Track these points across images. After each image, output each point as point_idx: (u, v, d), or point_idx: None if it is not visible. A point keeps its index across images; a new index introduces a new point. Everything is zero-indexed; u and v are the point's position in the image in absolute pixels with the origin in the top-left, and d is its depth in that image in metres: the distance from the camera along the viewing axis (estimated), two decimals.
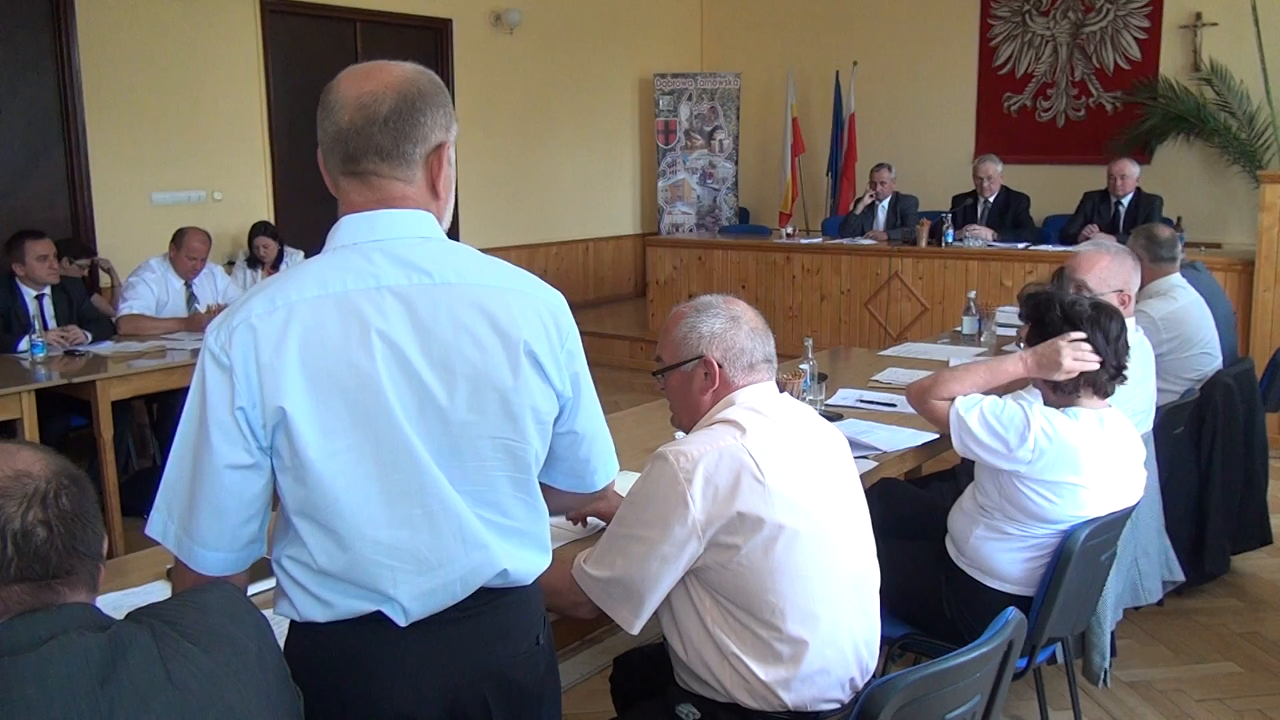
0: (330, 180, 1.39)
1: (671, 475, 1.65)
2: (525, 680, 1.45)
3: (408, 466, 1.30)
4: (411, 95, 1.32)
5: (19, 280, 4.53)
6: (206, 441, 1.26)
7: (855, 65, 8.98)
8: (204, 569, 1.30)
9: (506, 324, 1.35)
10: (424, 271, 1.32)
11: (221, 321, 1.28)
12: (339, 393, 1.27)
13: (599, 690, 2.78)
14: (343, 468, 1.28)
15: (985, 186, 6.81)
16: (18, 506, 1.06)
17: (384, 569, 1.31)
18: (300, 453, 1.26)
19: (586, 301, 9.35)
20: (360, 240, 1.33)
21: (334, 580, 1.32)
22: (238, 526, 1.29)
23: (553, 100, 8.96)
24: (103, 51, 6.03)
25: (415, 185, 1.35)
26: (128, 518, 4.19)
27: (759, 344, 1.81)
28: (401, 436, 1.29)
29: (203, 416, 1.26)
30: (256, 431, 1.27)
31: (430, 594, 1.34)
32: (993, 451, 2.26)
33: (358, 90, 1.31)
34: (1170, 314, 3.54)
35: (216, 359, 1.26)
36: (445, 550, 1.33)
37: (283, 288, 1.29)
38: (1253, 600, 3.64)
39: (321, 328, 1.27)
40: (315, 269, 1.31)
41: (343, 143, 1.32)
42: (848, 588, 1.74)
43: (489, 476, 1.36)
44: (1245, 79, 7.37)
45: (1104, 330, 2.32)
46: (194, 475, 1.27)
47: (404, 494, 1.30)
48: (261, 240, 5.93)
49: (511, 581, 1.41)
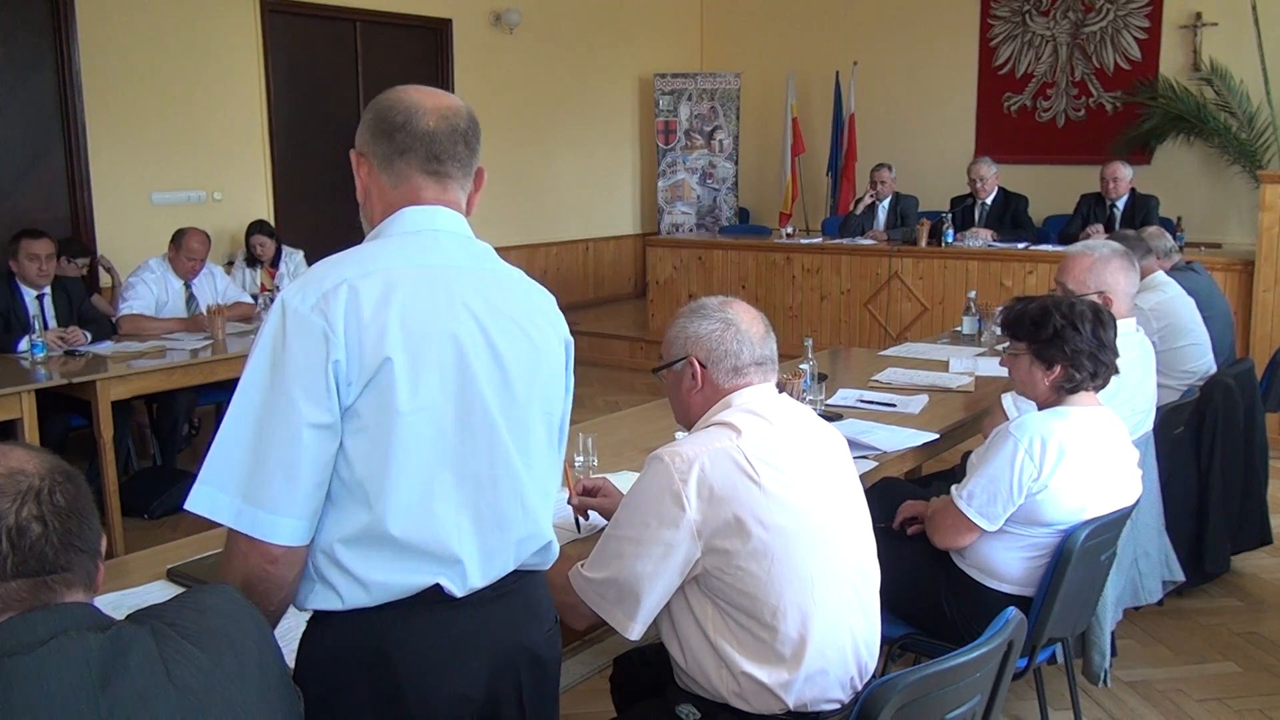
0: (381, 178, 1.45)
1: (667, 476, 1.66)
2: (549, 658, 1.53)
3: (483, 429, 1.39)
4: (475, 120, 1.49)
5: (19, 280, 4.53)
6: (285, 401, 1.26)
7: (855, 65, 8.98)
8: (273, 537, 1.28)
9: (551, 317, 1.52)
10: (484, 258, 1.46)
11: (304, 286, 1.31)
12: (433, 354, 1.34)
13: (599, 690, 2.78)
14: (429, 420, 1.33)
15: (980, 188, 6.82)
16: (12, 503, 1.06)
17: (452, 527, 1.36)
18: (393, 405, 1.30)
19: (586, 301, 9.35)
20: (423, 228, 1.42)
21: (394, 553, 1.33)
22: (310, 491, 1.29)
23: (553, 100, 8.96)
24: (103, 51, 6.03)
25: (465, 196, 1.50)
26: (128, 518, 4.19)
27: (750, 348, 1.81)
28: (482, 401, 1.38)
29: (278, 378, 1.27)
30: (342, 389, 1.29)
31: (491, 556, 1.41)
32: (1014, 502, 2.28)
33: (435, 103, 1.44)
34: (1159, 304, 3.62)
35: (304, 319, 1.28)
36: (505, 513, 1.42)
37: (370, 256, 1.37)
38: (1253, 600, 3.64)
39: (417, 294, 1.35)
40: (391, 247, 1.40)
41: (429, 143, 1.43)
42: (847, 588, 1.74)
43: (539, 450, 1.48)
44: (1245, 79, 7.37)
45: (1079, 330, 2.34)
46: (262, 439, 1.27)
47: (475, 454, 1.38)
48: (258, 239, 5.93)
49: (545, 560, 1.51)
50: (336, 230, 5.97)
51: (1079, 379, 2.34)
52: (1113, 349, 2.37)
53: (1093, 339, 2.33)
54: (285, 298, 1.30)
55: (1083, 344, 2.32)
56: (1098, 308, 2.41)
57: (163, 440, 4.94)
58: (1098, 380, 2.36)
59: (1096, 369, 2.34)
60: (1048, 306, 2.38)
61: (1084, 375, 2.34)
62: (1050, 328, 2.35)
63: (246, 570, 1.30)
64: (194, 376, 4.36)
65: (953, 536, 2.38)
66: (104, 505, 3.99)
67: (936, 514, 2.43)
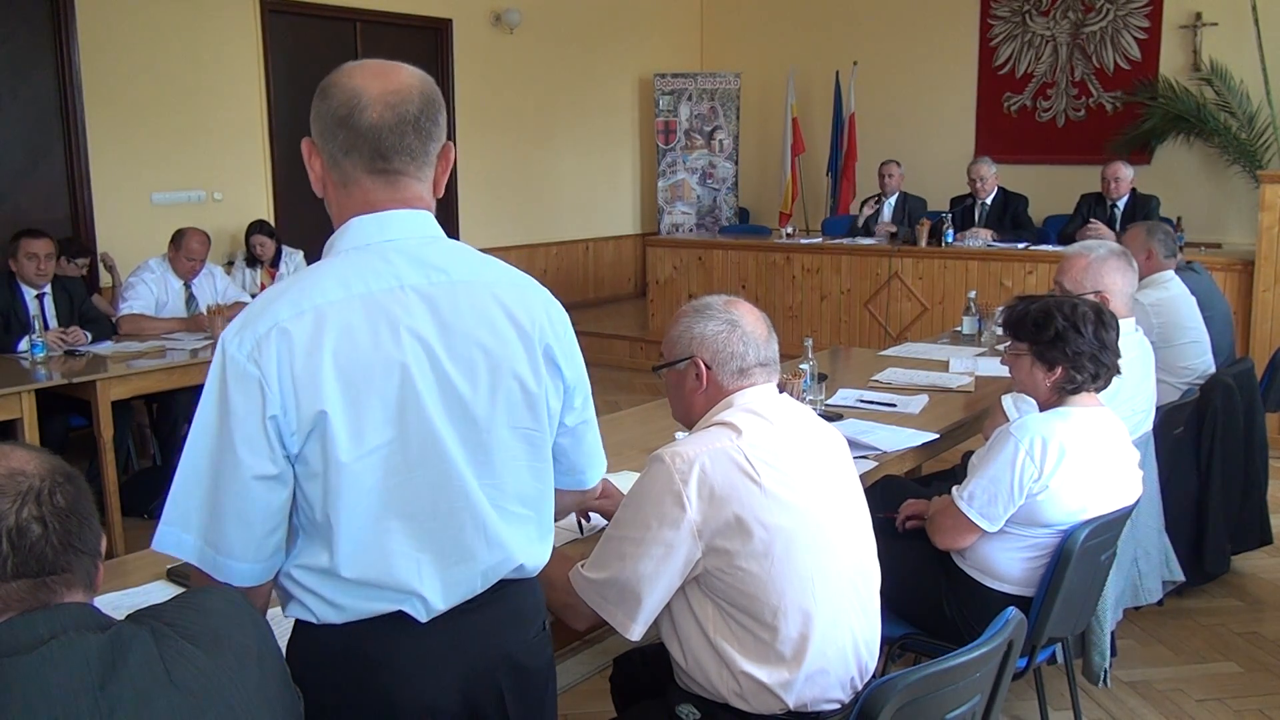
0: (331, 176, 1.36)
1: (667, 477, 1.66)
2: (535, 665, 1.49)
3: (436, 462, 1.32)
4: (431, 96, 1.34)
5: (19, 280, 4.53)
6: (231, 454, 1.23)
7: (855, 65, 8.98)
8: (234, 580, 1.28)
9: (522, 318, 1.38)
10: (440, 269, 1.34)
11: (242, 328, 1.25)
12: (375, 392, 1.27)
13: (599, 690, 2.78)
14: (374, 466, 1.28)
15: (979, 188, 6.82)
16: (12, 503, 1.06)
17: (410, 564, 1.32)
18: (334, 457, 1.25)
19: (586, 301, 9.34)
20: (373, 241, 1.33)
21: (355, 585, 1.31)
22: (264, 536, 1.28)
23: (553, 100, 8.96)
24: (103, 51, 6.03)
25: (427, 185, 1.38)
26: (128, 518, 4.18)
27: (755, 349, 1.80)
28: (432, 432, 1.31)
29: (224, 428, 1.23)
30: (286, 440, 1.25)
31: (454, 587, 1.36)
32: (1015, 503, 2.27)
33: (381, 88, 1.31)
34: (1159, 300, 3.61)
35: (241, 368, 1.23)
36: (468, 546, 1.36)
37: (304, 290, 1.28)
38: (1253, 600, 3.64)
39: (353, 329, 1.26)
40: (332, 271, 1.30)
41: (372, 140, 1.31)
42: (847, 588, 1.74)
43: (511, 467, 1.39)
44: (1245, 79, 7.37)
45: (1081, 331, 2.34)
46: (215, 489, 1.25)
47: (431, 489, 1.32)
48: (258, 239, 5.94)
49: (525, 573, 1.45)
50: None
51: (1080, 380, 2.34)
52: (1114, 350, 2.37)
53: (1094, 340, 2.33)
54: (225, 341, 1.26)
55: (1084, 345, 2.32)
56: (1100, 309, 2.41)
57: (163, 440, 4.94)
58: (1099, 381, 2.37)
59: (1098, 370, 2.34)
60: (1050, 308, 2.38)
61: (1085, 376, 2.34)
62: (1052, 329, 2.35)
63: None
64: (194, 376, 4.35)
65: (953, 537, 2.38)
66: (104, 505, 3.99)
67: (937, 515, 2.43)
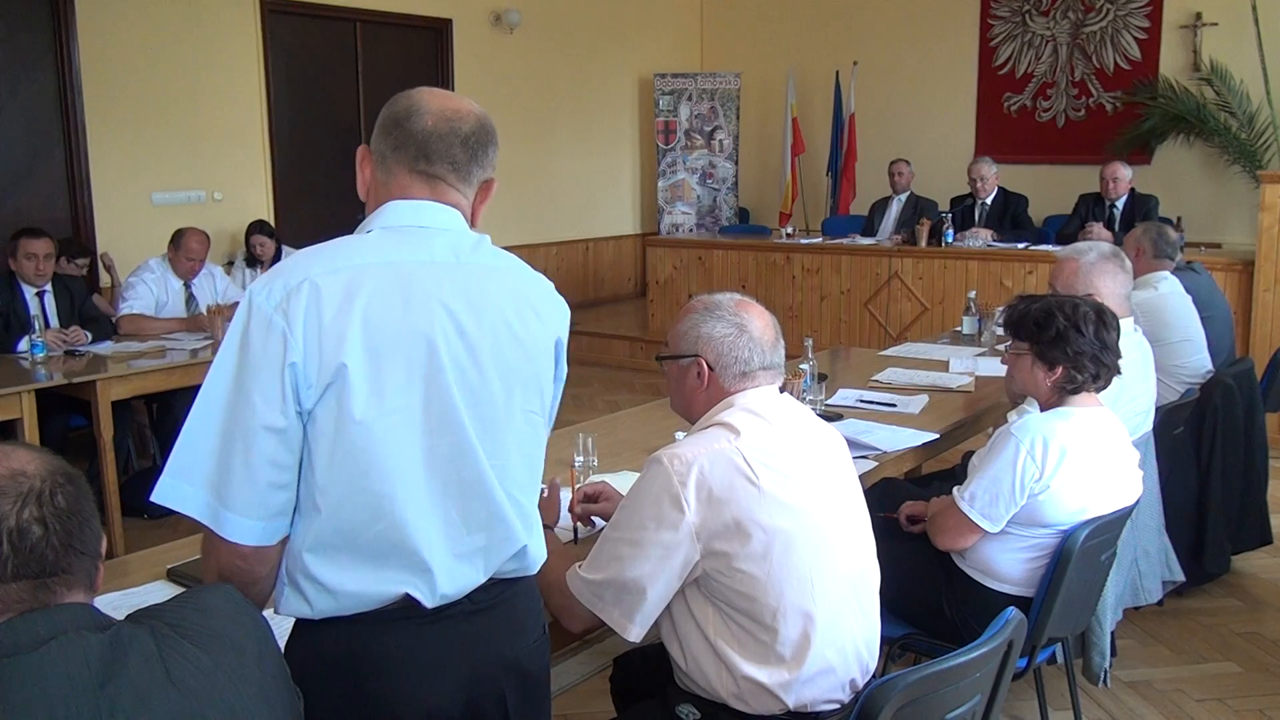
0: (377, 175, 1.43)
1: (666, 479, 1.66)
2: (536, 669, 1.50)
3: (451, 431, 1.35)
4: (488, 127, 1.45)
5: (19, 279, 4.53)
6: (246, 401, 1.25)
7: (855, 65, 8.98)
8: (236, 537, 1.28)
9: (541, 310, 1.46)
10: (471, 252, 1.41)
11: (271, 279, 1.29)
12: (400, 356, 1.31)
13: (599, 690, 2.78)
14: (391, 428, 1.31)
15: (980, 188, 6.82)
16: (13, 505, 1.06)
17: (420, 532, 1.33)
18: (348, 413, 1.27)
19: (586, 301, 9.34)
20: (408, 223, 1.39)
21: (363, 559, 1.32)
22: (267, 490, 1.28)
23: (553, 100, 8.96)
24: (103, 51, 6.03)
25: (465, 201, 1.46)
26: (128, 518, 4.19)
27: (761, 354, 1.80)
28: (450, 402, 1.34)
29: (241, 375, 1.26)
30: (302, 393, 1.27)
31: (460, 561, 1.37)
32: (1016, 504, 2.28)
33: (441, 105, 1.41)
34: (1144, 300, 3.57)
35: (267, 318, 1.26)
36: (474, 518, 1.38)
37: (340, 251, 1.33)
38: (1253, 600, 3.64)
39: (386, 293, 1.31)
40: (368, 242, 1.36)
41: (423, 143, 1.39)
42: (847, 588, 1.74)
43: (515, 450, 1.43)
44: (1245, 79, 7.37)
45: (1082, 332, 2.34)
46: (225, 436, 1.26)
47: (443, 458, 1.35)
48: (258, 239, 5.94)
49: (525, 565, 1.47)
50: (336, 230, 5.82)
51: (1081, 380, 2.34)
52: (1115, 350, 2.37)
53: (1095, 340, 2.33)
54: (253, 292, 1.29)
55: (1085, 345, 2.32)
56: (1101, 308, 2.41)
57: (163, 440, 4.94)
58: (1100, 381, 2.37)
59: (1099, 370, 2.35)
60: (1051, 307, 2.38)
61: (1086, 376, 2.34)
62: (1054, 328, 2.35)
63: (219, 563, 1.31)
64: (194, 376, 4.35)
65: (954, 538, 2.38)
66: (104, 505, 3.99)
67: (938, 515, 2.43)
